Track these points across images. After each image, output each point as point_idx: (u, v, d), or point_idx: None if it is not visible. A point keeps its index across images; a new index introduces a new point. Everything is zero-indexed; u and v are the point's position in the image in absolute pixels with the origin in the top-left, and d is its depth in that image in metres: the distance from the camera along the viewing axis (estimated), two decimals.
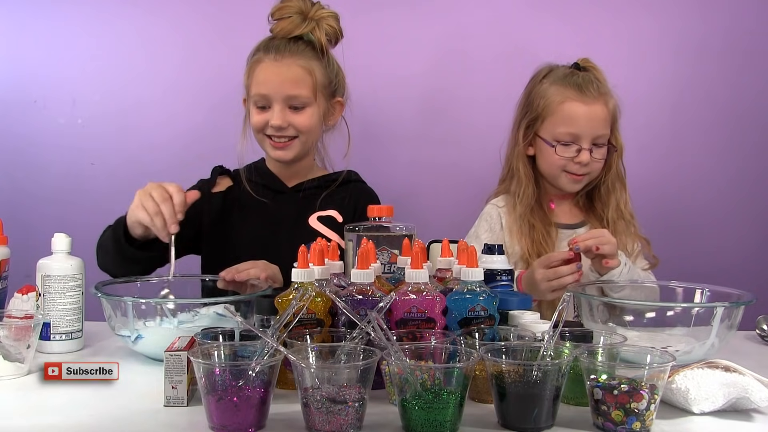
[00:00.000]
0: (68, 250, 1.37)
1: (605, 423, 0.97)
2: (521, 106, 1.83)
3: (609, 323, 1.35)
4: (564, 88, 1.74)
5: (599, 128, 1.73)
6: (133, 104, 2.23)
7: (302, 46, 1.67)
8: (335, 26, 1.70)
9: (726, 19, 2.23)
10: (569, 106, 1.72)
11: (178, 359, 1.04)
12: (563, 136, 1.73)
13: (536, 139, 1.78)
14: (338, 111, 1.75)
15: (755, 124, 2.26)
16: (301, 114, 1.66)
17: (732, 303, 1.30)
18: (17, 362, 1.18)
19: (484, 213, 1.82)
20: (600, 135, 1.73)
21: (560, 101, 1.73)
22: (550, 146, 1.74)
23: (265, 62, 1.65)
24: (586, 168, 1.74)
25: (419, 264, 1.10)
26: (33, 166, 2.23)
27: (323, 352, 1.01)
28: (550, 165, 1.76)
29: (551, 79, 1.77)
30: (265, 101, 1.66)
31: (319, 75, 1.66)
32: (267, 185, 1.75)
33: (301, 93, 1.64)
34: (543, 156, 1.78)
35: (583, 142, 1.72)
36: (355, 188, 1.77)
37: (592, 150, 1.73)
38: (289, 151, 1.69)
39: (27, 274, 1.43)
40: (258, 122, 1.67)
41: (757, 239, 2.26)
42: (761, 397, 1.03)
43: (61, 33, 2.23)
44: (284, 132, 1.66)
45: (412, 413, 0.93)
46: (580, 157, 1.72)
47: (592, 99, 1.72)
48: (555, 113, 1.73)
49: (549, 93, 1.75)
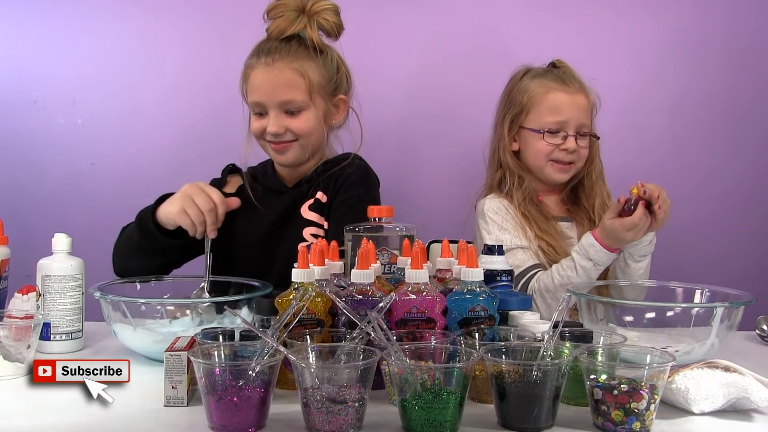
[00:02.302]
0: (68, 250, 1.37)
1: (605, 423, 0.97)
2: (502, 105, 1.86)
3: (609, 323, 1.35)
4: (546, 80, 1.79)
5: (583, 117, 1.77)
6: (133, 104, 2.23)
7: (295, 46, 1.63)
8: (332, 19, 1.65)
9: (726, 18, 2.23)
10: (554, 95, 1.77)
11: (178, 359, 1.04)
12: (550, 125, 1.76)
13: (521, 133, 1.80)
14: (342, 109, 1.71)
15: (755, 124, 2.26)
16: (298, 118, 1.63)
17: (732, 303, 1.30)
18: (17, 362, 1.18)
19: (488, 209, 1.78)
20: (584, 124, 1.78)
21: (544, 92, 1.77)
22: (538, 134, 1.76)
23: (257, 68, 1.63)
24: (573, 155, 1.77)
25: (419, 264, 1.10)
26: (33, 166, 2.23)
27: (323, 352, 1.01)
28: (536, 155, 1.78)
29: (531, 76, 1.82)
30: (261, 108, 1.64)
31: (313, 75, 1.62)
32: (270, 187, 1.74)
33: (295, 97, 1.61)
34: (529, 148, 1.80)
35: (569, 128, 1.76)
36: (343, 167, 1.68)
37: (576, 138, 1.76)
38: (289, 153, 1.67)
39: (27, 274, 1.43)
40: (256, 129, 1.67)
41: (757, 239, 2.26)
42: (761, 397, 1.03)
43: (61, 33, 2.23)
44: (282, 137, 1.64)
45: (412, 413, 0.93)
46: (566, 143, 1.75)
47: (574, 90, 1.78)
48: (540, 104, 1.77)
49: (531, 87, 1.79)
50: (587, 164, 1.82)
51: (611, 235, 1.57)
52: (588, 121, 1.79)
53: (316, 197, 1.66)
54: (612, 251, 1.59)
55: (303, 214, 1.66)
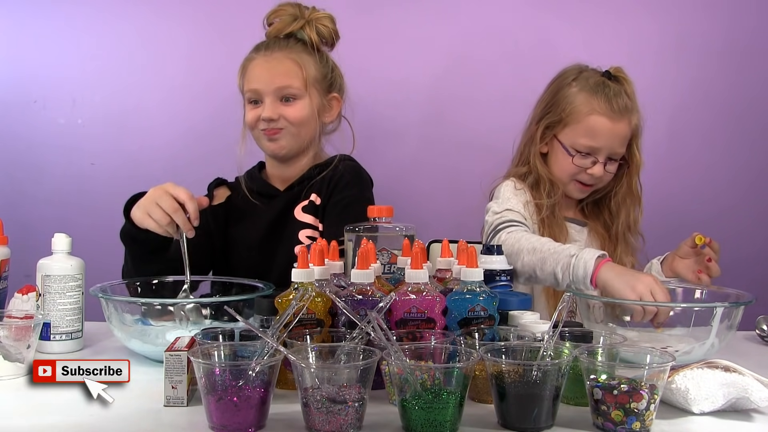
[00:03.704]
0: (68, 250, 1.37)
1: (605, 423, 0.97)
2: (544, 104, 1.79)
3: (609, 323, 1.35)
4: (593, 98, 1.70)
5: (617, 145, 1.72)
6: (133, 104, 2.23)
7: (293, 42, 1.68)
8: (330, 26, 1.70)
9: (726, 18, 2.23)
10: (595, 119, 1.69)
11: (178, 359, 1.04)
12: (582, 148, 1.71)
13: (553, 141, 1.76)
14: (335, 107, 1.73)
15: (755, 124, 2.26)
16: (293, 106, 1.65)
17: (732, 303, 1.31)
18: (17, 362, 1.18)
19: (505, 189, 1.74)
20: (616, 152, 1.73)
21: (587, 112, 1.70)
22: (568, 154, 1.73)
23: (256, 60, 1.67)
24: (596, 180, 1.74)
25: (419, 264, 1.10)
26: (33, 166, 2.23)
27: (323, 352, 1.01)
28: (562, 170, 1.75)
29: (580, 85, 1.73)
30: (257, 96, 1.66)
31: (310, 68, 1.66)
32: (261, 191, 1.74)
33: (291, 83, 1.64)
34: (557, 160, 1.76)
35: (600, 155, 1.71)
36: (336, 169, 1.69)
37: (606, 163, 1.73)
38: (282, 141, 1.67)
39: (27, 274, 1.43)
40: (251, 118, 1.68)
41: (757, 239, 2.26)
42: (761, 397, 1.03)
43: (61, 33, 2.23)
44: (276, 124, 1.65)
45: (412, 413, 0.93)
46: (593, 169, 1.72)
47: (618, 116, 1.69)
48: (579, 122, 1.71)
49: (577, 100, 1.72)
50: (614, 183, 1.79)
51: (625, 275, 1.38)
52: (622, 149, 1.73)
53: (310, 199, 1.67)
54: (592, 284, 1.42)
55: (297, 217, 1.67)
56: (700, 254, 1.58)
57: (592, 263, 1.39)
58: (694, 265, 1.58)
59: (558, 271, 1.44)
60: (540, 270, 1.47)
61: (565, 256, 1.44)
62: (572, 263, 1.42)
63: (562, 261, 1.44)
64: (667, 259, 1.65)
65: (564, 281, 1.44)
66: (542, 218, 1.72)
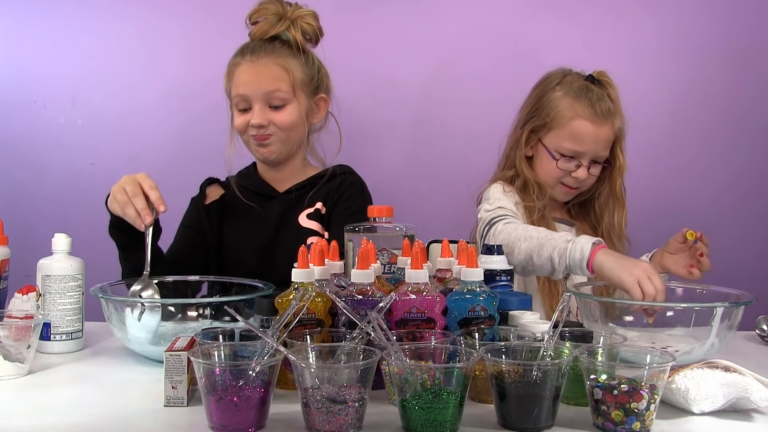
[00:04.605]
0: (68, 250, 1.37)
1: (605, 423, 0.97)
2: (528, 108, 1.80)
3: (609, 323, 1.35)
4: (576, 102, 1.71)
5: (601, 149, 1.74)
6: (133, 104, 2.23)
7: (278, 45, 1.67)
8: (314, 24, 1.70)
9: (726, 18, 2.23)
10: (579, 124, 1.71)
11: (178, 359, 1.04)
12: (567, 151, 1.73)
13: (538, 145, 1.78)
14: (323, 108, 1.75)
15: (755, 124, 2.26)
16: (281, 111, 1.66)
17: (732, 303, 1.31)
18: (17, 362, 1.18)
19: (494, 191, 1.76)
20: (601, 156, 1.75)
21: (571, 117, 1.71)
22: (552, 158, 1.74)
23: (242, 65, 1.66)
24: (580, 183, 1.77)
25: (419, 264, 1.10)
26: (33, 166, 2.23)
27: (323, 352, 1.01)
28: (547, 174, 1.77)
29: (564, 89, 1.74)
30: (246, 102, 1.66)
31: (297, 72, 1.66)
32: (257, 191, 1.74)
33: (279, 88, 1.64)
34: (542, 163, 1.78)
35: (584, 159, 1.73)
36: (342, 180, 1.75)
37: (590, 167, 1.75)
38: (272, 146, 1.68)
39: (27, 274, 1.43)
40: (240, 124, 1.68)
41: (756, 239, 2.26)
42: (761, 397, 1.03)
43: (61, 33, 2.23)
44: (265, 131, 1.66)
45: (412, 413, 0.93)
46: (578, 172, 1.74)
47: (601, 120, 1.71)
48: (563, 127, 1.72)
49: (561, 105, 1.73)
50: (597, 185, 1.81)
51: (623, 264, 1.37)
52: (606, 152, 1.75)
53: (315, 207, 1.70)
54: (588, 269, 1.42)
55: (302, 223, 1.69)
56: (691, 249, 1.60)
57: (589, 247, 1.41)
58: (684, 260, 1.60)
59: (555, 256, 1.45)
60: (537, 256, 1.48)
61: (561, 241, 1.46)
62: (569, 248, 1.43)
63: (559, 246, 1.45)
64: (655, 255, 1.67)
65: (560, 266, 1.45)
66: (533, 220, 1.73)
